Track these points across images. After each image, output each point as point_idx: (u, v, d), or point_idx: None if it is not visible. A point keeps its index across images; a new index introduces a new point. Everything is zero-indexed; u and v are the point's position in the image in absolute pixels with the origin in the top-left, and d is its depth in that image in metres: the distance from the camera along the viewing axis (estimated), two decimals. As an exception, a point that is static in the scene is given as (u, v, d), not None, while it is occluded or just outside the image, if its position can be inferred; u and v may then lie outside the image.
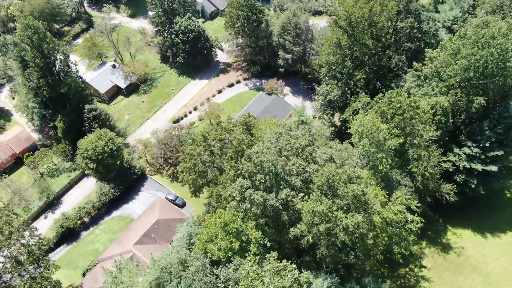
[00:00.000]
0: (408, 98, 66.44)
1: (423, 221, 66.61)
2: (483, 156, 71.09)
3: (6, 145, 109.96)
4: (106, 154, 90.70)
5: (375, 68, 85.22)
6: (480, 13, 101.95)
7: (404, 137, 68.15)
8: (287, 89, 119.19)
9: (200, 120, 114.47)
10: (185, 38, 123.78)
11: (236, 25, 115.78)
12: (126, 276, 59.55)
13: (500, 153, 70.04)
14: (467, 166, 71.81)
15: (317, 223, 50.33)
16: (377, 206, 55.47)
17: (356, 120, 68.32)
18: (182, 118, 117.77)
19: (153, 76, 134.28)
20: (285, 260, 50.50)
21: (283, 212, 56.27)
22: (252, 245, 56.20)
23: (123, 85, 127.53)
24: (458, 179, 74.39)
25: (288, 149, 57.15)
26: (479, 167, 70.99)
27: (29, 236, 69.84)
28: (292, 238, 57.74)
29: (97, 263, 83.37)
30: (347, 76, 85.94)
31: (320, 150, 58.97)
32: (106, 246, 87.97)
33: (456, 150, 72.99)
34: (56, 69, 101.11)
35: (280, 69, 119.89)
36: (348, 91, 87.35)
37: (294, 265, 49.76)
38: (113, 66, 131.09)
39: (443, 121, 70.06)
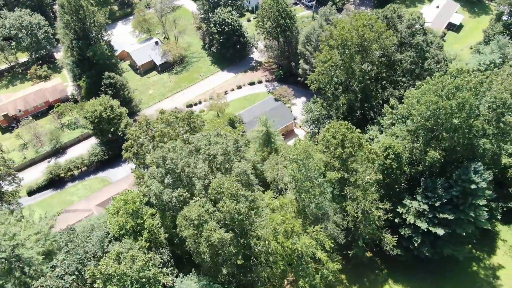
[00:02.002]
0: (351, 132, 62.69)
1: (338, 265, 63.63)
2: (430, 215, 64.76)
3: (43, 92, 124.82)
4: (103, 119, 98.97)
5: (361, 96, 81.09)
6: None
7: (343, 172, 64.83)
8: (302, 100, 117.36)
9: (210, 110, 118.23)
10: (221, 30, 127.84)
11: (265, 26, 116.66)
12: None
13: (450, 217, 63.25)
14: (412, 221, 66.02)
15: (185, 227, 51.31)
16: (264, 230, 54.45)
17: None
18: (196, 104, 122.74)
19: (189, 59, 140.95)
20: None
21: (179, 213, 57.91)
22: (145, 231, 58.95)
23: (158, 62, 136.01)
24: (403, 233, 68.73)
25: (202, 153, 58.34)
26: (423, 225, 64.95)
27: None
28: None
29: (63, 212, 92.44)
30: (332, 98, 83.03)
31: (237, 164, 59.09)
32: (79, 200, 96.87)
33: (407, 201, 67.29)
34: (92, 35, 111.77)
35: (299, 78, 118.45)
36: (332, 112, 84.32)
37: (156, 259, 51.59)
38: (156, 42, 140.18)
39: (393, 166, 65.01)
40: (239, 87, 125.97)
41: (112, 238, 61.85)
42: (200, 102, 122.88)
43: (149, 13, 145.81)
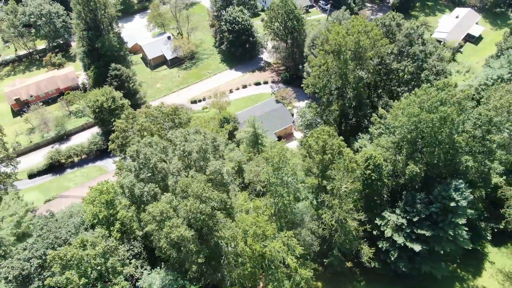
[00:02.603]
0: (331, 139, 61.63)
1: (311, 273, 62.95)
2: (408, 230, 63.08)
3: (55, 80, 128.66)
4: (104, 109, 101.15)
5: (355, 104, 79.76)
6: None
7: (321, 179, 63.98)
8: (305, 103, 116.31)
9: (212, 108, 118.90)
10: (231, 28, 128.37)
11: (272, 27, 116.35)
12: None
13: (428, 233, 61.45)
14: (390, 235, 64.51)
15: (149, 222, 51.89)
16: (229, 231, 54.46)
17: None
18: (200, 101, 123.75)
19: (200, 56, 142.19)
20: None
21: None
22: (118, 222, 59.98)
23: (169, 56, 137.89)
24: (381, 246, 67.26)
25: (177, 149, 58.79)
26: (400, 240, 63.34)
27: None
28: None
29: (58, 197, 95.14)
30: (326, 104, 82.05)
31: (212, 162, 59.19)
32: (75, 186, 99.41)
33: (386, 214, 65.76)
34: (102, 26, 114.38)
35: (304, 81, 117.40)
36: (325, 118, 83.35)
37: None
38: (168, 37, 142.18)
39: (373, 177, 63.62)
40: (245, 87, 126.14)
41: (88, 226, 63.28)
42: (204, 99, 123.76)
43: (164, 8, 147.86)
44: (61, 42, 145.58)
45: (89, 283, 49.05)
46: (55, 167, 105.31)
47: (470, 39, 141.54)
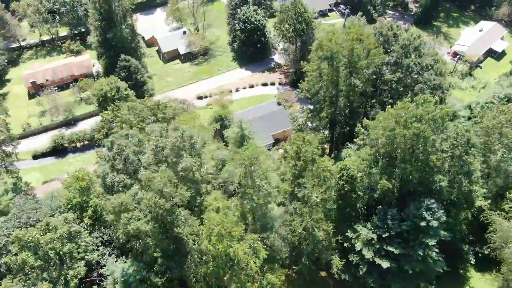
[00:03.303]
0: (305, 145, 60.89)
1: (277, 278, 62.86)
2: (377, 246, 61.71)
3: (71, 66, 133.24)
4: (107, 98, 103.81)
5: (347, 112, 78.59)
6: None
7: (294, 186, 63.54)
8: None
9: (215, 105, 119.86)
10: (243, 27, 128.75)
11: (282, 29, 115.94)
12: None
13: (396, 251, 59.94)
14: (359, 249, 63.34)
15: (110, 212, 53.22)
16: (189, 229, 55.10)
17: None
18: (206, 97, 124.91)
19: (214, 52, 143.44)
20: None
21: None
22: (90, 208, 61.82)
23: (182, 51, 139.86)
24: (351, 259, 66.12)
25: (150, 144, 59.95)
26: (369, 255, 62.09)
27: None
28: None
29: (55, 180, 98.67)
30: (317, 110, 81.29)
31: (185, 159, 59.97)
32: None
33: (358, 227, 64.47)
34: (116, 18, 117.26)
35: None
36: (315, 124, 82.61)
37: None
38: (184, 32, 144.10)
39: (346, 188, 62.53)
40: (251, 86, 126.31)
41: (65, 210, 65.43)
42: (210, 96, 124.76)
43: (183, 3, 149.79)
44: (82, 30, 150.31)
45: (44, 265, 50.86)
46: (58, 151, 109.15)
47: (492, 54, 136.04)
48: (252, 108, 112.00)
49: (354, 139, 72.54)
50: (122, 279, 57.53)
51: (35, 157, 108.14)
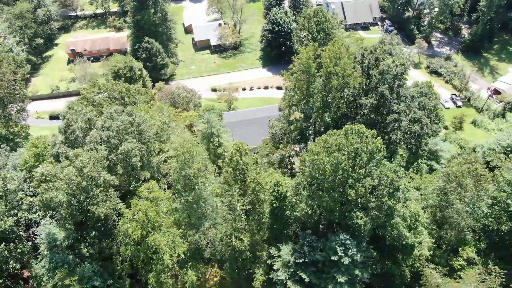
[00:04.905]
0: (240, 155, 60.39)
1: (194, 276, 63.91)
2: (292, 270, 59.91)
3: (108, 41, 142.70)
4: (120, 76, 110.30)
5: (320, 128, 76.54)
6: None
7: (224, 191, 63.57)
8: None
9: (220, 100, 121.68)
10: (271, 28, 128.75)
11: (300, 35, 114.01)
12: None
13: (307, 279, 57.81)
14: (277, 268, 61.95)
15: (36, 180, 57.57)
16: (103, 209, 57.91)
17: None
18: (219, 91, 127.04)
19: (244, 48, 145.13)
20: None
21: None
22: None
23: (213, 42, 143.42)
24: (272, 276, 64.63)
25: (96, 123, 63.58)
26: (282, 276, 60.48)
27: None
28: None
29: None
30: (288, 123, 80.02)
31: (125, 144, 62.83)
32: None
33: (282, 246, 62.75)
34: (149, 1, 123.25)
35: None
36: (286, 136, 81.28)
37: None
38: (219, 24, 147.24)
39: (275, 205, 61.26)
40: (266, 88, 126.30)
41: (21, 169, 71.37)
42: (224, 90, 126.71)
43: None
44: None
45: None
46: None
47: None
48: (253, 109, 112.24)
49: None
50: (46, 241, 62.09)
51: (52, 117, 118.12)
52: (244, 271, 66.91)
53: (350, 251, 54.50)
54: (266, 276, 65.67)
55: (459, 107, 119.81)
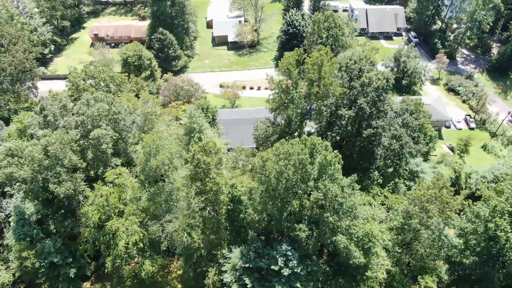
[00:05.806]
0: (205, 154, 60.30)
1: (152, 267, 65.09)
2: (238, 273, 59.47)
3: (130, 28, 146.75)
4: (128, 63, 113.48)
5: (296, 133, 75.38)
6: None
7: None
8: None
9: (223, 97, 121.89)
10: (286, 30, 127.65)
11: (311, 39, 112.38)
12: None
13: (249, 285, 57.20)
14: (225, 269, 61.72)
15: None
16: (63, 189, 59.81)
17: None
18: (227, 87, 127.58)
19: (261, 47, 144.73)
20: None
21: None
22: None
23: (230, 39, 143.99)
24: (222, 277, 64.40)
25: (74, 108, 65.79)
26: (228, 278, 60.18)
27: None
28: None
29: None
30: (273, 127, 79.27)
31: (97, 130, 64.68)
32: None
33: (233, 247, 62.25)
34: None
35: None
36: (267, 140, 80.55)
37: None
38: (240, 21, 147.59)
39: (230, 206, 60.97)
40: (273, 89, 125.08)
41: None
42: (228, 87, 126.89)
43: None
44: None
45: None
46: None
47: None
48: (252, 108, 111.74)
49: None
50: (14, 213, 65.13)
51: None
52: (199, 268, 67.18)
53: (291, 262, 53.36)
54: (219, 277, 65.77)
55: (472, 129, 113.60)
